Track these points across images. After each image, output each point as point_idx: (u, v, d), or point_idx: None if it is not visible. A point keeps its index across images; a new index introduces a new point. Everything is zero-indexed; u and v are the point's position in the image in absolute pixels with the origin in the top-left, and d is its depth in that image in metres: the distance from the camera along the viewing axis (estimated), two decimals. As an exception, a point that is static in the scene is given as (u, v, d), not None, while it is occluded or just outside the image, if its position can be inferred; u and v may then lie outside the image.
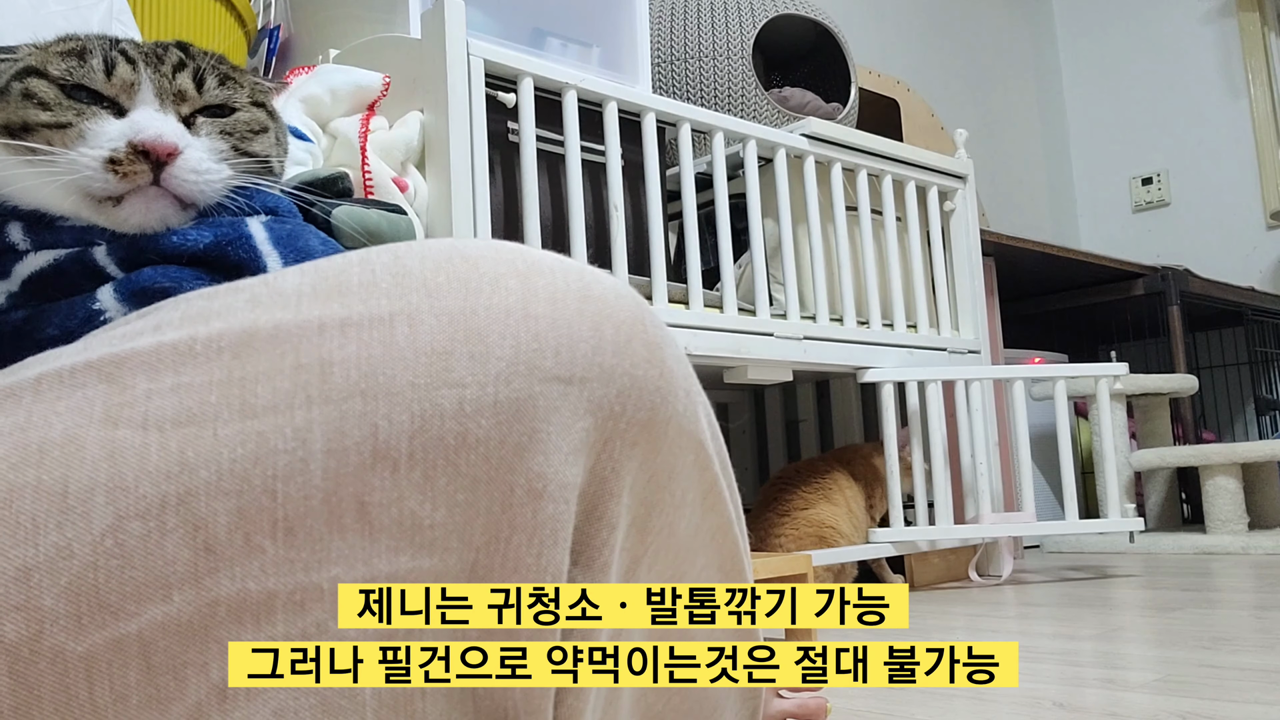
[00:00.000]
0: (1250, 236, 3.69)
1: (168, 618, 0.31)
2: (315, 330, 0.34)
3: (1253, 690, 0.98)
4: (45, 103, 0.49)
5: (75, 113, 0.49)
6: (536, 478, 0.35)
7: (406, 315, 0.35)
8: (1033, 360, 2.80)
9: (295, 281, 0.36)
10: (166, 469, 0.32)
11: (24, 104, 0.49)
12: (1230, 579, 1.92)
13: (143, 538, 0.31)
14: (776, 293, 1.81)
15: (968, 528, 1.92)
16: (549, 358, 0.36)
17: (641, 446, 0.38)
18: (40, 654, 0.30)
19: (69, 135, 0.49)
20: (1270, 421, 3.49)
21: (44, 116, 0.49)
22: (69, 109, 0.50)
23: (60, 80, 0.50)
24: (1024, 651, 1.24)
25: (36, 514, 0.31)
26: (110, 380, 0.33)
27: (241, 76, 0.57)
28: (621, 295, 0.39)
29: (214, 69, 0.54)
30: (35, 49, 0.53)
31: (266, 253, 0.49)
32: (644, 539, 0.40)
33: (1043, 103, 4.03)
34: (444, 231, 1.31)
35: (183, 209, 0.50)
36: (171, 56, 0.54)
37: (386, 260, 0.37)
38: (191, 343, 0.34)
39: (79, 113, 0.49)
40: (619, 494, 0.38)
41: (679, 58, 2.02)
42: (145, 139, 0.49)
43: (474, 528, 0.34)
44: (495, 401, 0.34)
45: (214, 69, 0.54)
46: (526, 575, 0.35)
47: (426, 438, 0.33)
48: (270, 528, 0.32)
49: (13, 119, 0.49)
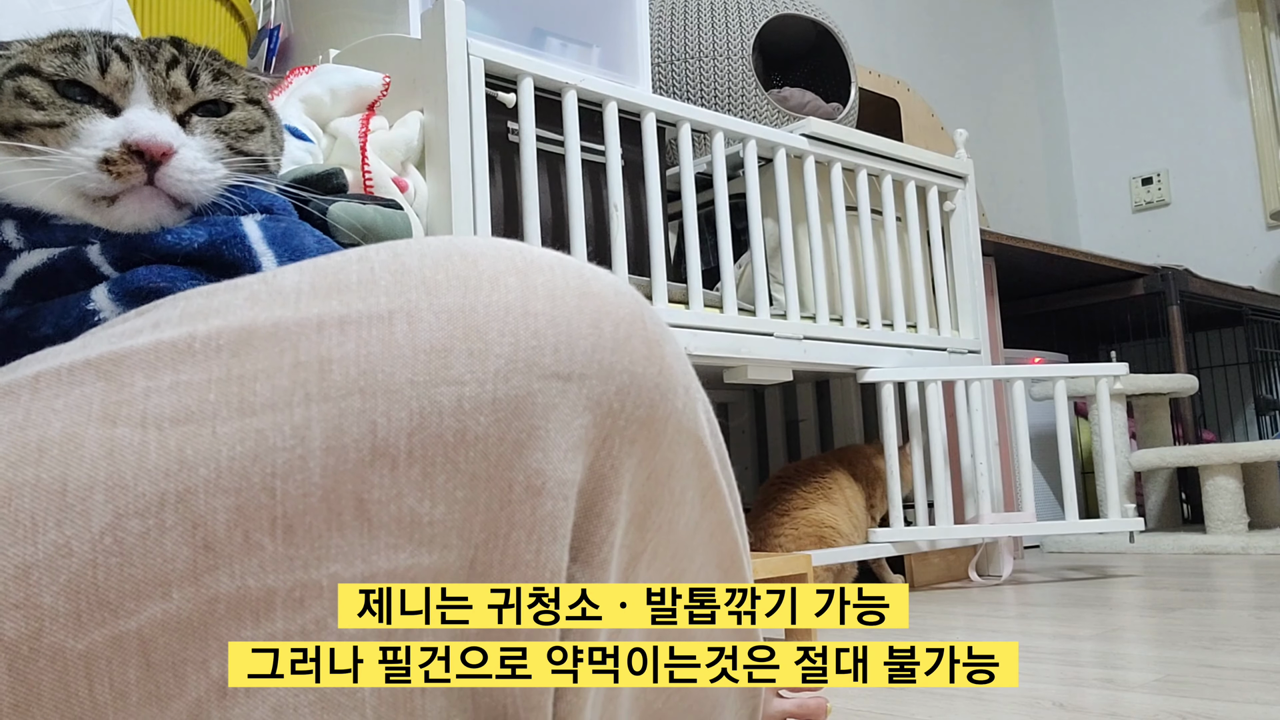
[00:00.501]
0: (1250, 236, 3.69)
1: (167, 615, 0.31)
2: (314, 328, 0.34)
3: (1253, 690, 0.98)
4: (38, 101, 0.49)
5: (69, 112, 0.49)
6: (535, 474, 0.35)
7: (405, 313, 0.35)
8: (1033, 360, 2.80)
9: (294, 279, 0.36)
10: (165, 467, 0.32)
11: (17, 103, 0.49)
12: (1230, 579, 1.92)
13: (142, 535, 0.31)
14: (776, 293, 1.81)
15: (968, 528, 1.92)
16: (548, 355, 0.36)
17: (640, 443, 0.38)
18: (40, 652, 0.30)
19: (62, 134, 0.49)
20: (1270, 421, 3.49)
21: (37, 116, 0.49)
22: (62, 108, 0.49)
23: (53, 77, 0.50)
24: (1024, 651, 1.24)
25: (35, 512, 0.31)
26: (109, 378, 0.33)
27: (236, 72, 0.56)
28: (621, 292, 0.39)
29: (207, 65, 0.54)
30: (28, 46, 0.52)
31: (261, 252, 0.49)
32: (643, 536, 0.40)
33: (1043, 103, 4.03)
34: (444, 231, 1.30)
35: (177, 208, 0.50)
36: (165, 53, 0.53)
37: (385, 258, 0.37)
38: (190, 340, 0.34)
39: (72, 111, 0.49)
40: (618, 491, 0.38)
41: (679, 58, 2.02)
42: (139, 139, 0.48)
43: (473, 524, 0.34)
44: (494, 399, 0.34)
45: (207, 65, 0.54)
46: (525, 572, 0.35)
47: (425, 435, 0.33)
48: (269, 525, 0.32)
49: (5, 118, 0.49)
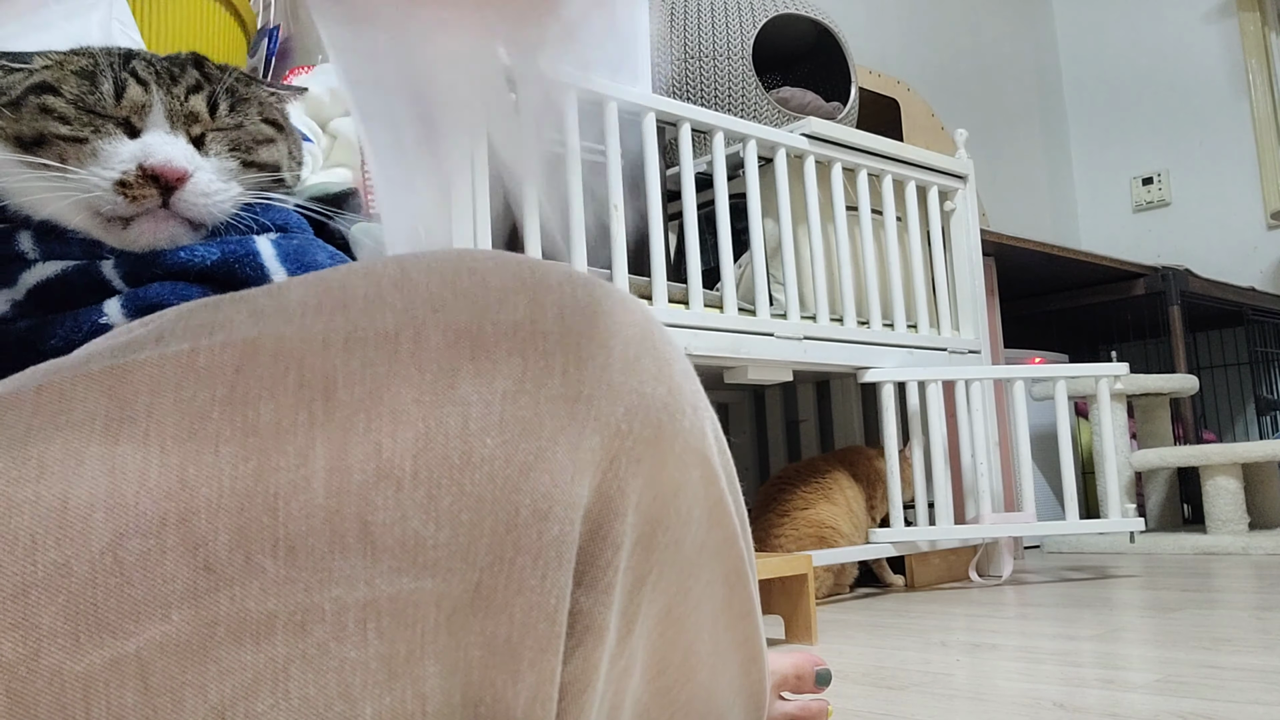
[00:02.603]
0: (1250, 236, 3.68)
1: (166, 637, 0.30)
2: (319, 345, 0.34)
3: (1253, 691, 0.98)
4: (65, 117, 0.50)
5: (92, 129, 0.50)
6: (542, 498, 0.34)
7: (412, 331, 0.34)
8: (1033, 360, 2.80)
9: (299, 293, 0.36)
10: (167, 486, 0.31)
11: (41, 116, 0.50)
12: (1230, 579, 1.92)
13: (142, 556, 0.30)
14: (776, 293, 1.81)
15: (968, 528, 1.92)
16: (556, 376, 0.35)
17: (647, 464, 0.38)
18: (38, 673, 0.29)
19: (83, 151, 0.49)
20: (1270, 421, 3.49)
21: (63, 130, 0.50)
22: (86, 124, 0.50)
23: (75, 103, 0.51)
24: (1024, 652, 1.24)
25: (35, 530, 0.30)
26: (111, 394, 0.33)
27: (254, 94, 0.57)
28: (631, 311, 0.38)
29: (228, 93, 0.54)
30: (50, 62, 0.53)
31: (274, 269, 0.50)
32: (649, 557, 0.40)
33: (1043, 103, 4.03)
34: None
35: (193, 230, 0.51)
36: (188, 78, 0.54)
37: (393, 273, 0.36)
38: (194, 356, 0.34)
39: (95, 129, 0.50)
40: (624, 513, 0.37)
41: (679, 58, 2.02)
42: (155, 164, 0.49)
43: (478, 548, 0.33)
44: (501, 420, 0.34)
45: (228, 93, 0.54)
46: (530, 597, 0.34)
47: (431, 456, 0.33)
48: (271, 547, 0.31)
49: (26, 131, 0.49)
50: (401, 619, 0.32)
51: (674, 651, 0.43)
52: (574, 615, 0.36)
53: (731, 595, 0.46)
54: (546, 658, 0.35)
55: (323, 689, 0.31)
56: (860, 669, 1.17)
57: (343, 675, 0.32)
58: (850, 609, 1.71)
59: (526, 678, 0.34)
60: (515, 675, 0.34)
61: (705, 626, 0.45)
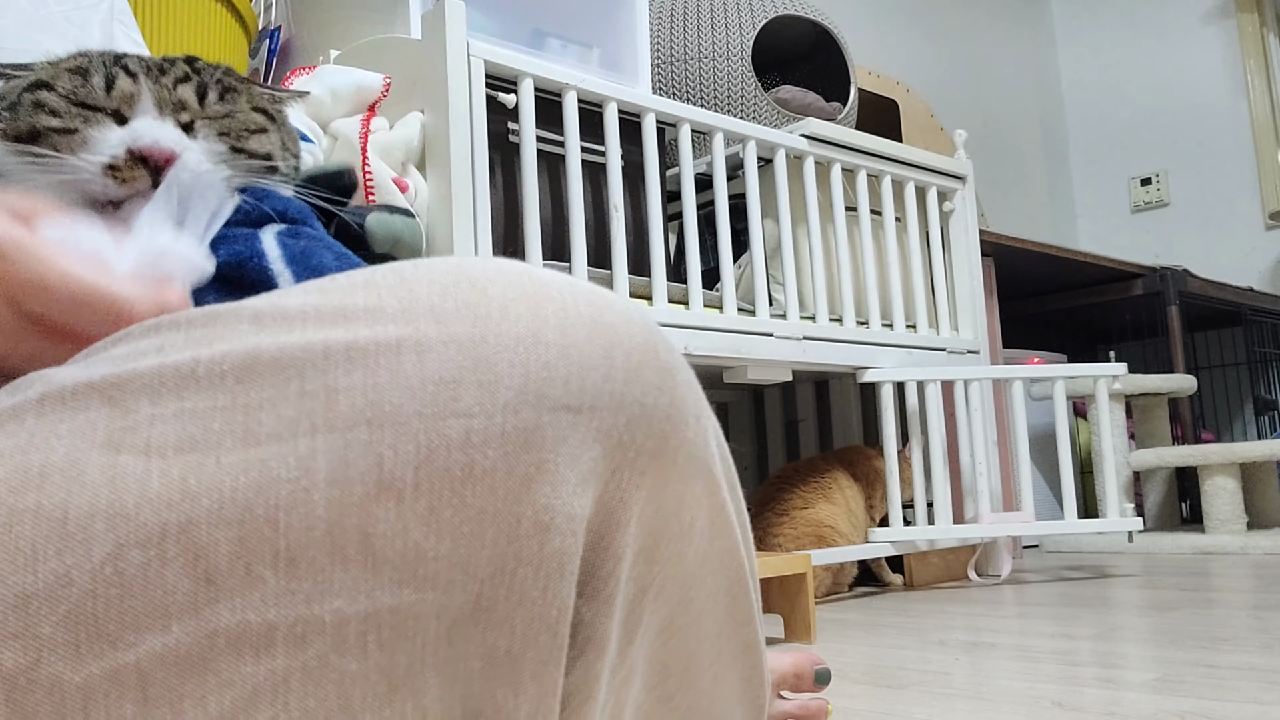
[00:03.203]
0: (1249, 236, 3.69)
1: (166, 649, 0.30)
2: (321, 355, 0.34)
3: (1251, 690, 0.99)
4: (55, 110, 0.51)
5: (82, 120, 0.51)
6: (544, 510, 0.34)
7: (414, 343, 0.34)
8: (1032, 360, 2.81)
9: (299, 302, 0.35)
10: (168, 497, 0.31)
11: (34, 112, 0.51)
12: (1229, 579, 1.92)
13: (143, 566, 0.30)
14: (776, 293, 1.81)
15: (967, 527, 1.93)
16: (558, 386, 0.35)
17: (650, 475, 0.37)
18: (37, 683, 0.29)
19: (74, 141, 0.50)
20: (1269, 421, 3.49)
21: (54, 122, 0.51)
22: (76, 116, 0.51)
23: (67, 97, 0.52)
24: (1022, 651, 1.24)
25: (36, 540, 0.30)
26: (113, 403, 0.33)
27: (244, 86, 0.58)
28: (633, 321, 0.38)
29: (216, 83, 0.55)
30: (48, 65, 0.54)
31: (279, 271, 0.50)
32: (651, 568, 0.40)
33: (1043, 103, 4.03)
34: (444, 231, 1.31)
35: None
36: (176, 70, 0.55)
37: (393, 283, 0.36)
38: (194, 365, 0.33)
39: (85, 120, 0.51)
40: (626, 524, 0.37)
41: (679, 58, 2.02)
42: (143, 146, 0.50)
43: (479, 561, 0.33)
44: (503, 432, 0.33)
45: (216, 83, 0.55)
46: (532, 609, 0.34)
47: (432, 469, 0.32)
48: (272, 558, 0.31)
49: (22, 126, 0.51)
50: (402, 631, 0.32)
51: (675, 660, 0.43)
52: (575, 626, 0.36)
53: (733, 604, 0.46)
54: (548, 669, 0.34)
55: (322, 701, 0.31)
56: (859, 668, 1.18)
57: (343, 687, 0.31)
58: (849, 608, 1.71)
59: (528, 689, 0.34)
60: (517, 687, 0.34)
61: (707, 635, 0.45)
